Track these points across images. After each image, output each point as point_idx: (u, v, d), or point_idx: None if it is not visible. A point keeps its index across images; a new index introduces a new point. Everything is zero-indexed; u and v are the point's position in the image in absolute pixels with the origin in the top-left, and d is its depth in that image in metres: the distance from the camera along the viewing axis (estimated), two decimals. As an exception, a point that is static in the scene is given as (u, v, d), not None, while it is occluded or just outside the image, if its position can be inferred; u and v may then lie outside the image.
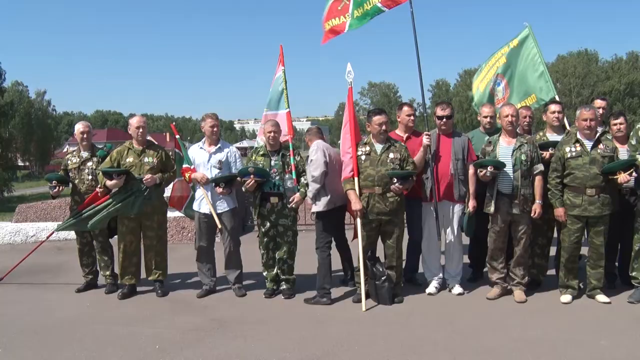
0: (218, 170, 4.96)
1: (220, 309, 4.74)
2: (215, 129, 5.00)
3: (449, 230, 4.92)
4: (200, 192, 5.00)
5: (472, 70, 43.42)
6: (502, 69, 6.03)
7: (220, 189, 4.86)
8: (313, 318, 4.42)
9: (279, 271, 5.02)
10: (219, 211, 4.95)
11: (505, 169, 4.52)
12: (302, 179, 4.94)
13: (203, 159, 5.00)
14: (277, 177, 4.87)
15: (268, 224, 4.93)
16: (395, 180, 4.48)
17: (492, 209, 4.58)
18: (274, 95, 5.45)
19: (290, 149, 5.01)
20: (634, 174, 4.33)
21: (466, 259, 5.34)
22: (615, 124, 4.78)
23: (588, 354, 3.57)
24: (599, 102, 5.10)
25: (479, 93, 6.12)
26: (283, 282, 5.02)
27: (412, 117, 4.95)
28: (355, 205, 4.54)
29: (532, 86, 5.81)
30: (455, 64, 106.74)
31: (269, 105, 5.48)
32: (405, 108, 5.04)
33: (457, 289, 4.90)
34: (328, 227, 4.88)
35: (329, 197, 4.73)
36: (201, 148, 5.08)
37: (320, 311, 4.58)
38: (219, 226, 4.92)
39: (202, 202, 4.99)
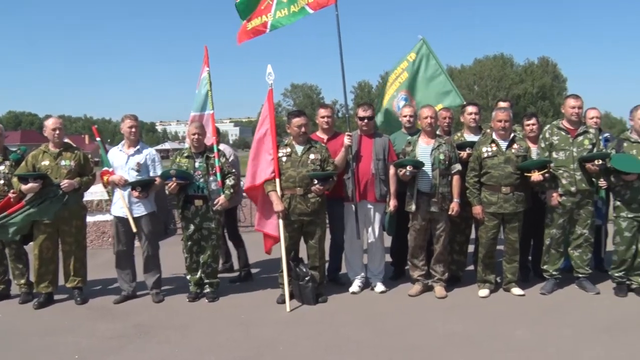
0: (137, 173, 5.16)
1: (143, 314, 4.95)
2: (133, 130, 5.20)
3: (370, 229, 5.35)
4: (117, 195, 5.20)
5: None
6: (405, 85, 6.54)
7: (137, 193, 5.07)
8: (237, 321, 4.71)
9: (202, 275, 5.30)
10: (136, 215, 5.16)
11: (424, 169, 4.97)
12: (227, 181, 5.23)
13: (121, 161, 5.20)
14: (201, 180, 5.14)
15: (192, 227, 5.18)
16: (316, 181, 4.85)
17: (412, 207, 5.03)
18: (199, 96, 5.70)
19: (215, 150, 5.26)
20: (546, 174, 4.94)
21: (388, 258, 5.78)
22: (528, 125, 5.39)
23: (504, 344, 4.04)
24: (502, 104, 5.67)
25: (384, 109, 6.65)
26: (207, 286, 5.30)
27: (326, 119, 5.34)
28: (277, 206, 4.91)
29: (437, 97, 6.37)
30: (377, 66, 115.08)
31: (195, 107, 5.73)
32: (320, 110, 5.44)
33: (380, 287, 5.33)
34: None
35: None
36: (120, 150, 5.28)
37: (245, 313, 4.88)
38: (135, 230, 5.13)
39: (119, 206, 5.20)
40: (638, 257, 5.03)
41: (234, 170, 5.39)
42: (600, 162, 4.86)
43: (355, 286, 5.39)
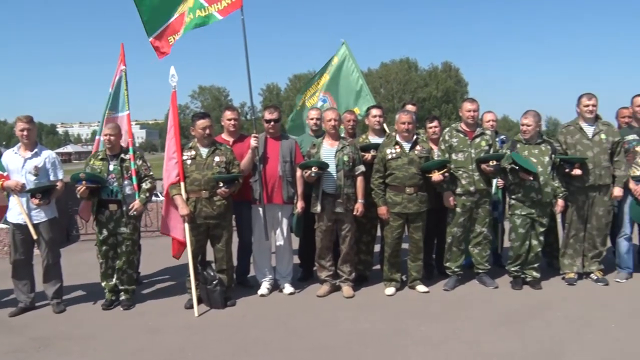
0: (34, 177, 5.19)
1: (42, 326, 4.89)
2: (25, 133, 5.18)
3: (278, 231, 5.67)
4: (13, 201, 5.20)
5: (302, 75, 49.17)
6: (326, 87, 7.05)
7: (37, 201, 5.10)
8: (145, 328, 4.84)
9: (117, 282, 5.42)
10: (35, 221, 5.18)
11: (329, 170, 5.34)
12: (144, 185, 5.36)
13: (17, 165, 5.21)
14: (115, 183, 5.26)
15: (106, 232, 5.30)
16: (222, 183, 5.11)
17: (318, 208, 5.37)
18: (114, 96, 5.82)
19: (131, 153, 5.37)
20: (446, 174, 5.45)
21: (296, 259, 6.14)
22: (431, 127, 5.91)
23: (410, 340, 4.43)
24: (410, 107, 6.19)
25: (302, 109, 7.10)
26: (122, 293, 5.42)
27: (232, 122, 5.62)
28: (182, 210, 5.12)
29: (354, 100, 6.91)
30: (286, 69, 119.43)
31: (110, 107, 5.84)
32: (227, 112, 5.71)
33: (289, 289, 5.66)
34: None
35: None
36: (15, 153, 5.27)
37: (153, 320, 5.02)
38: (35, 237, 5.16)
39: (16, 212, 5.20)
40: (532, 252, 5.64)
41: (151, 174, 5.51)
42: (495, 162, 5.42)
43: (263, 288, 5.69)
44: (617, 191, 5.63)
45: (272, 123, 5.61)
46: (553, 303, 5.25)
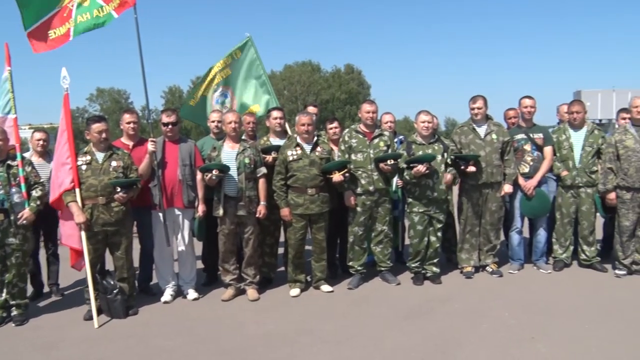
0: None
1: None
2: None
3: (180, 236, 5.88)
4: None
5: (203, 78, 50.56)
6: (227, 81, 7.31)
7: None
8: (39, 343, 4.78)
9: (7, 296, 5.36)
10: None
11: (230, 173, 5.62)
12: (34, 193, 5.36)
13: None
14: (1, 191, 5.22)
15: None
16: (119, 189, 5.25)
17: (220, 212, 5.64)
18: None
19: (19, 159, 5.35)
20: (346, 174, 5.90)
21: (200, 264, 6.38)
22: (331, 128, 6.36)
23: (316, 339, 4.71)
24: (311, 109, 6.65)
25: (197, 102, 7.39)
26: (14, 308, 5.37)
27: (131, 125, 5.78)
28: (78, 217, 5.18)
29: (255, 97, 7.29)
30: (189, 71, 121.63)
31: None
32: (125, 115, 5.87)
33: (192, 294, 5.87)
34: None
35: None
36: None
37: (48, 335, 4.99)
38: None
39: None
40: (431, 248, 6.19)
41: (41, 180, 5.51)
42: (393, 162, 5.94)
43: (167, 295, 5.87)
44: (507, 188, 6.31)
45: (169, 126, 5.82)
46: (452, 296, 5.78)
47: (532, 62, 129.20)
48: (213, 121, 6.30)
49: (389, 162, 5.89)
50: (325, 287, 6.05)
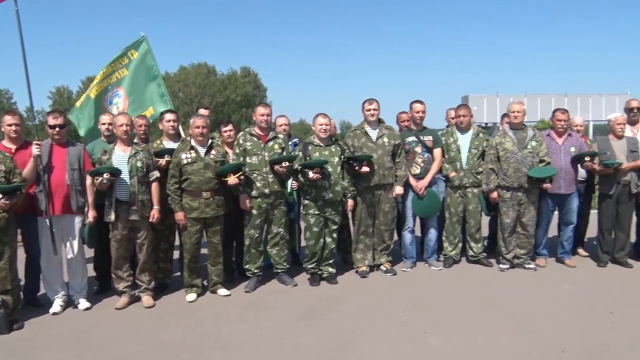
0: None
1: None
2: None
3: (69, 244, 5.94)
4: None
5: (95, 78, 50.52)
6: (121, 81, 7.53)
7: None
8: None
9: None
10: None
11: (122, 177, 5.76)
12: None
13: None
14: None
15: None
16: (1, 195, 5.22)
17: (112, 217, 5.77)
18: None
19: None
20: (241, 177, 6.25)
21: (91, 272, 6.47)
22: (225, 131, 6.67)
23: (215, 343, 4.91)
24: (203, 111, 7.00)
25: (90, 101, 7.56)
26: None
27: (13, 127, 5.73)
28: None
29: (150, 98, 7.54)
30: (78, 71, 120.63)
31: None
32: (6, 117, 5.80)
33: (84, 304, 5.93)
34: None
35: None
36: None
37: None
38: None
39: None
40: (326, 249, 6.66)
41: None
42: (288, 164, 6.38)
43: (56, 306, 5.88)
44: (398, 189, 6.93)
45: (56, 129, 5.87)
46: (348, 295, 6.25)
47: (424, 67, 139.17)
48: (104, 124, 6.45)
49: (283, 164, 6.31)
50: (222, 291, 6.34)
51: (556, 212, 7.53)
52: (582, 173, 7.44)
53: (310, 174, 6.29)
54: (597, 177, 7.61)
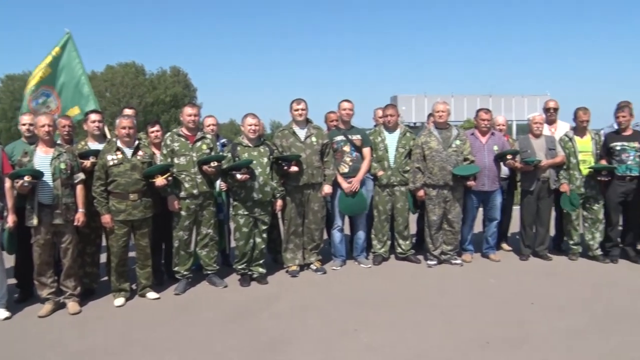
0: None
1: None
2: None
3: None
4: None
5: (16, 76, 49.80)
6: (48, 80, 7.51)
7: None
8: None
9: None
10: None
11: (44, 179, 5.74)
12: None
13: None
14: None
15: None
16: None
17: (34, 221, 5.74)
18: None
19: None
20: (169, 178, 6.35)
21: (12, 279, 6.39)
22: (152, 132, 6.76)
23: (145, 348, 4.93)
24: (128, 111, 7.11)
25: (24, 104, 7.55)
26: None
27: None
28: None
29: (75, 97, 7.57)
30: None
31: None
32: None
33: (3, 314, 5.83)
34: None
35: None
36: None
37: None
38: None
39: None
40: (256, 249, 6.85)
41: None
42: (216, 164, 6.54)
43: None
44: (327, 188, 7.21)
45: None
46: (279, 295, 6.47)
47: (355, 66, 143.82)
48: (24, 124, 6.41)
49: (212, 164, 6.46)
50: (151, 295, 6.44)
51: (481, 209, 8.01)
52: (504, 170, 7.93)
53: (238, 176, 6.48)
54: (518, 175, 8.14)
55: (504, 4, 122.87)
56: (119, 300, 6.30)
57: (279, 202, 6.95)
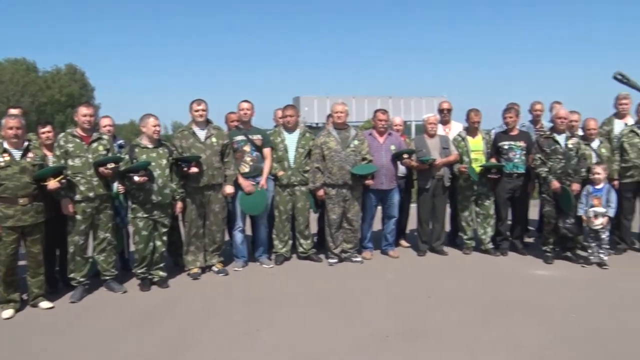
0: None
1: None
2: None
3: None
4: None
5: None
6: None
7: None
8: None
9: None
10: None
11: None
12: None
13: None
14: None
15: None
16: None
17: None
18: None
19: None
20: (63, 180, 6.21)
21: None
22: (44, 133, 6.54)
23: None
24: (14, 111, 6.91)
25: None
26: None
27: None
28: None
29: None
30: None
31: None
32: None
33: None
34: None
35: None
36: None
37: None
38: None
39: None
40: (157, 252, 6.85)
41: None
42: (114, 165, 6.49)
43: None
44: (228, 189, 7.30)
45: None
46: (180, 298, 6.50)
47: (256, 68, 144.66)
48: None
49: (109, 166, 6.40)
50: (45, 304, 6.25)
51: (379, 207, 8.39)
52: (401, 169, 8.36)
53: (136, 178, 6.46)
54: (415, 173, 8.59)
55: (405, 8, 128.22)
56: (8, 312, 6.05)
57: (179, 204, 6.98)
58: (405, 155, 7.94)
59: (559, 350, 4.97)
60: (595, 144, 8.10)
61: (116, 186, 6.84)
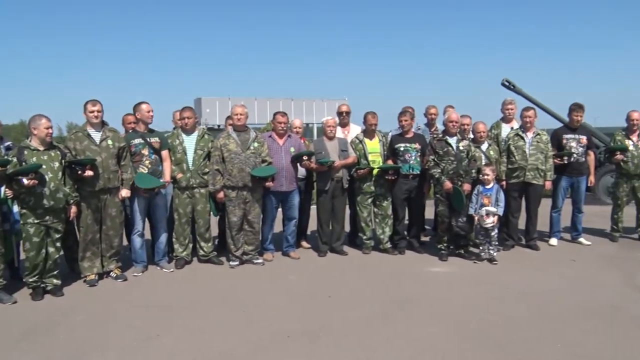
0: None
1: None
2: None
3: None
4: None
5: None
6: None
7: None
8: None
9: None
10: None
11: None
12: None
13: None
14: None
15: None
16: None
17: None
18: None
19: None
20: None
21: None
22: None
23: None
24: None
25: None
26: None
27: None
28: None
29: None
30: None
31: None
32: None
33: None
34: None
35: None
36: None
37: None
38: None
39: None
40: (50, 259, 6.71)
41: None
42: (1, 168, 6.33)
43: None
44: (125, 192, 7.21)
45: None
46: (76, 306, 6.39)
47: (155, 69, 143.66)
48: None
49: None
50: None
51: (280, 209, 8.61)
52: (301, 171, 8.62)
53: (25, 181, 6.32)
54: (314, 175, 8.88)
55: (309, 10, 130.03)
56: None
57: (73, 209, 6.89)
58: (305, 157, 8.21)
59: (453, 341, 5.33)
60: (484, 146, 8.70)
61: (3, 190, 6.64)
